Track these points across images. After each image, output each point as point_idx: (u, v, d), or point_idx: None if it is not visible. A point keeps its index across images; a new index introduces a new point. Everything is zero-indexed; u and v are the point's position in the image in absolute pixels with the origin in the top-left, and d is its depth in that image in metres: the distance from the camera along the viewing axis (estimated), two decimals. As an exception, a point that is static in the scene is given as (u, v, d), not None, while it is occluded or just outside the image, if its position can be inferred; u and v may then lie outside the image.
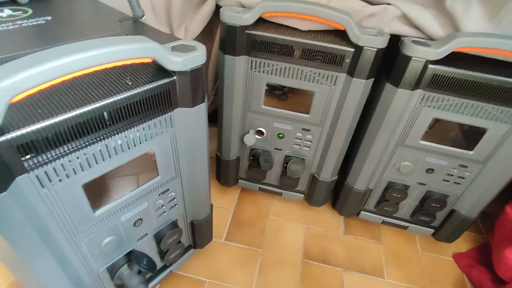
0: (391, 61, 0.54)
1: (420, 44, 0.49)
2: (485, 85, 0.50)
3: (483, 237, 0.79)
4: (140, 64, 0.39)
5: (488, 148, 0.56)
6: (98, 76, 0.35)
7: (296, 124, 0.64)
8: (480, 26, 0.50)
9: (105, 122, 0.33)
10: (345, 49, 0.52)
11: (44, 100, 0.31)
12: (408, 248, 0.75)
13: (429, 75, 0.51)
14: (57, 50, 0.28)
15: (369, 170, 0.66)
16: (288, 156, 0.70)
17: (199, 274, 0.65)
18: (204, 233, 0.62)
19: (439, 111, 0.54)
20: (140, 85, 0.35)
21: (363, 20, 0.55)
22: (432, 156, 0.60)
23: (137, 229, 0.46)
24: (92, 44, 0.29)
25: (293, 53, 0.55)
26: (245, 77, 0.59)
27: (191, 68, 0.38)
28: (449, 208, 0.68)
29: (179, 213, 0.53)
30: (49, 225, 0.34)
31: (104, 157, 0.35)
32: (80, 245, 0.39)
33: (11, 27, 0.43)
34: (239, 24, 0.53)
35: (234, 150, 0.72)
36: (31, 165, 0.29)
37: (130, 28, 0.48)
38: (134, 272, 0.47)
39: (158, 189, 0.45)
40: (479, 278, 0.67)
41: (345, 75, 0.55)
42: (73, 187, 0.34)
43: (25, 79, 0.25)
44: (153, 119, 0.38)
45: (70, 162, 0.32)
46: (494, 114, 0.52)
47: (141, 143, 0.38)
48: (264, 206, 0.81)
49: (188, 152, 0.46)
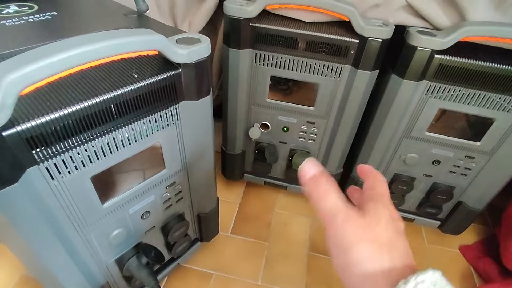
0: (396, 52, 0.53)
1: (425, 34, 0.49)
2: (492, 75, 0.49)
3: (490, 229, 0.78)
4: (145, 57, 0.39)
5: (495, 138, 0.56)
6: (105, 70, 0.36)
7: (301, 117, 0.64)
8: (487, 15, 0.50)
9: (112, 114, 0.34)
10: (350, 41, 0.52)
11: (52, 93, 0.31)
12: (414, 240, 0.75)
13: (435, 65, 0.50)
14: (65, 42, 0.28)
15: (375, 163, 0.65)
16: (293, 149, 0.70)
17: (206, 267, 0.66)
18: (211, 226, 0.62)
19: (445, 102, 0.54)
20: (146, 78, 0.35)
21: (367, 10, 0.55)
22: (438, 148, 0.60)
23: (145, 222, 0.47)
24: (99, 36, 0.30)
25: (297, 45, 0.54)
26: (249, 71, 0.59)
27: (196, 60, 0.38)
28: (455, 200, 0.67)
29: (186, 206, 0.53)
30: (59, 217, 0.35)
31: (112, 150, 0.36)
32: (90, 237, 0.40)
33: (18, 23, 0.43)
34: (243, 16, 0.53)
35: (239, 144, 0.72)
36: (41, 157, 0.30)
37: (134, 22, 0.48)
38: (142, 264, 0.47)
39: (165, 182, 0.46)
40: (486, 270, 0.67)
41: (350, 67, 0.55)
42: (82, 179, 0.34)
43: (34, 71, 0.25)
44: (159, 112, 0.38)
45: (78, 154, 0.33)
46: (501, 104, 0.52)
47: (147, 136, 0.39)
48: (269, 199, 0.82)
49: (194, 145, 0.46)
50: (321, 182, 0.27)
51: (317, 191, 0.27)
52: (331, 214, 0.25)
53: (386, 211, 0.25)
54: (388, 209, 0.26)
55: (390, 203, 0.27)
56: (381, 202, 0.26)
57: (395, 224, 0.25)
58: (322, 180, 0.27)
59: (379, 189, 0.28)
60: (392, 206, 0.27)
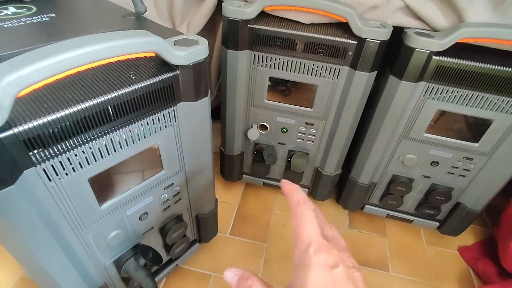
0: (395, 53, 0.53)
1: (423, 36, 0.49)
2: (490, 76, 0.49)
3: (489, 230, 0.78)
4: (143, 58, 0.39)
5: (494, 140, 0.56)
6: (102, 71, 0.36)
7: (299, 118, 0.64)
8: (485, 17, 0.50)
9: (110, 116, 0.34)
10: (348, 42, 0.52)
11: (50, 95, 0.31)
12: (413, 241, 0.75)
13: (433, 66, 0.50)
14: (63, 44, 0.28)
15: (373, 164, 0.65)
16: (291, 150, 0.70)
17: (204, 268, 0.65)
18: (209, 227, 0.62)
19: (444, 103, 0.54)
20: (143, 80, 0.35)
21: (365, 12, 0.55)
22: (436, 149, 0.60)
23: (143, 223, 0.47)
24: (97, 38, 0.30)
25: (295, 46, 0.55)
26: (247, 72, 0.59)
27: (193, 62, 0.38)
28: (454, 201, 0.67)
29: (184, 207, 0.53)
30: (57, 218, 0.35)
31: (110, 151, 0.36)
32: (87, 239, 0.40)
33: (16, 24, 0.43)
34: (241, 18, 0.53)
35: (238, 145, 0.72)
36: (38, 159, 0.30)
37: (133, 23, 0.48)
38: (140, 266, 0.47)
39: (162, 183, 0.46)
40: (485, 271, 0.67)
41: (348, 68, 0.55)
42: (79, 180, 0.35)
43: (31, 73, 0.26)
44: (157, 113, 0.38)
45: (76, 156, 0.33)
46: (499, 105, 0.52)
47: (145, 137, 0.39)
48: (268, 200, 0.82)
49: (192, 146, 0.46)
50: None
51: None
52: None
53: (311, 275, 0.22)
54: (317, 264, 0.22)
55: (319, 250, 0.23)
56: (306, 263, 0.23)
57: (330, 278, 0.22)
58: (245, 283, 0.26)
59: (302, 235, 0.25)
60: (325, 250, 0.23)
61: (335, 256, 0.23)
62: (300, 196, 0.28)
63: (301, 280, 0.22)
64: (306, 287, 0.22)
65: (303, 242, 0.24)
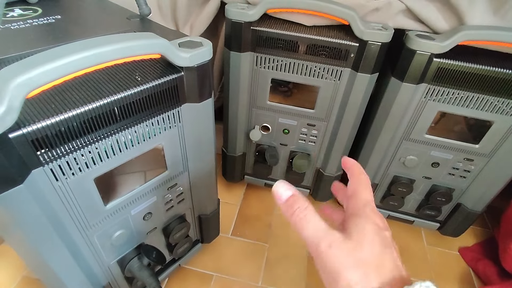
0: (396, 56, 0.54)
1: (424, 38, 0.50)
2: (490, 78, 0.50)
3: (489, 231, 0.79)
4: (148, 60, 0.40)
5: (494, 141, 0.56)
6: (108, 73, 0.36)
7: (301, 120, 0.64)
8: (485, 19, 0.50)
9: (116, 117, 0.34)
10: (350, 44, 0.53)
11: (57, 96, 0.32)
12: (414, 242, 0.75)
13: (434, 68, 0.51)
14: (70, 46, 0.29)
15: (375, 165, 0.66)
16: (293, 151, 0.70)
17: (206, 268, 0.66)
18: (212, 227, 0.63)
19: (444, 105, 0.54)
20: (149, 81, 0.36)
21: (367, 14, 0.56)
22: (437, 150, 0.60)
23: (147, 223, 0.47)
24: (103, 40, 0.30)
25: (298, 48, 0.55)
26: (250, 73, 0.60)
27: (198, 63, 0.38)
28: (454, 202, 0.68)
29: (187, 207, 0.54)
30: (63, 218, 0.35)
31: (115, 152, 0.36)
32: (92, 238, 0.40)
33: (23, 26, 0.44)
34: (244, 20, 0.54)
35: (240, 146, 0.72)
36: (46, 159, 0.30)
37: (137, 25, 0.49)
38: (144, 265, 0.48)
39: (166, 184, 0.46)
40: (485, 272, 0.67)
41: (350, 70, 0.55)
42: (86, 180, 0.35)
43: (40, 75, 0.26)
44: (161, 114, 0.39)
45: (82, 156, 0.33)
46: (500, 107, 0.52)
47: (150, 138, 0.39)
48: (270, 201, 0.82)
49: (196, 146, 0.46)
50: (296, 209, 0.26)
51: (294, 221, 0.26)
52: (314, 243, 0.24)
53: (369, 226, 0.24)
54: (372, 220, 0.25)
55: (374, 211, 0.26)
56: (364, 215, 0.25)
57: (381, 237, 0.24)
58: (296, 205, 0.26)
59: (361, 194, 0.27)
60: (377, 214, 0.26)
61: (385, 222, 0.27)
62: (362, 169, 0.31)
63: (358, 225, 0.25)
64: (364, 232, 0.24)
65: (361, 200, 0.27)
